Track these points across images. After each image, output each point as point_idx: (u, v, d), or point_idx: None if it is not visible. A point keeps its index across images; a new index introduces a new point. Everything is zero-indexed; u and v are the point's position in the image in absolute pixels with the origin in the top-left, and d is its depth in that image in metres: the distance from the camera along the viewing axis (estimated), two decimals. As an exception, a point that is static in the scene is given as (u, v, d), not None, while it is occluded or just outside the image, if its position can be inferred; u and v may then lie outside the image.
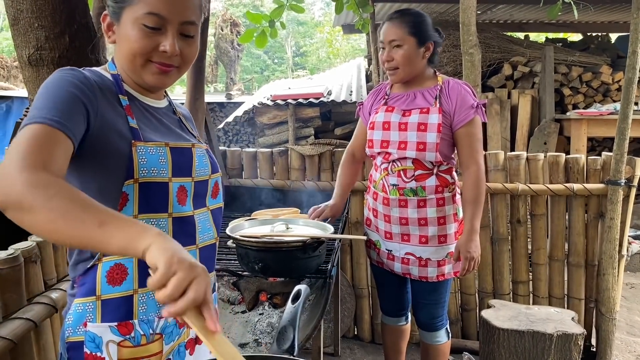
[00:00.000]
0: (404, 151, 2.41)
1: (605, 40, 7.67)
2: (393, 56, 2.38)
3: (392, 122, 2.45)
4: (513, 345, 2.81)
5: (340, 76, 8.79)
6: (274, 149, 3.72)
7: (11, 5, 2.11)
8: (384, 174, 2.50)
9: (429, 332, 2.69)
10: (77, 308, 1.22)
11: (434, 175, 2.43)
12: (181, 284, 0.85)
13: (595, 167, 3.38)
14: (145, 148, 1.21)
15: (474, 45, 4.09)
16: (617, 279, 3.34)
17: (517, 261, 3.55)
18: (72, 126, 1.07)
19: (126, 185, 1.18)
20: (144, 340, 1.24)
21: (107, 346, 1.21)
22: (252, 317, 2.31)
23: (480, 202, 2.43)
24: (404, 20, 2.38)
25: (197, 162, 1.33)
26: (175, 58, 1.22)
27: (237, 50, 18.99)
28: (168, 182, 1.24)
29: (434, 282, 2.53)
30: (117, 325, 1.22)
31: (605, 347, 3.40)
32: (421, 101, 2.44)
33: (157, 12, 1.16)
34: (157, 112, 1.34)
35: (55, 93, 1.11)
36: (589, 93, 6.30)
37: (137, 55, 1.20)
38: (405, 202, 2.46)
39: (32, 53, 2.15)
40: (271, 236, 2.12)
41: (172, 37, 1.19)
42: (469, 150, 2.41)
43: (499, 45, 6.61)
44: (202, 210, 1.37)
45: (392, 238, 2.56)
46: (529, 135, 6.01)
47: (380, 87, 2.66)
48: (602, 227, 3.34)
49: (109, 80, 1.25)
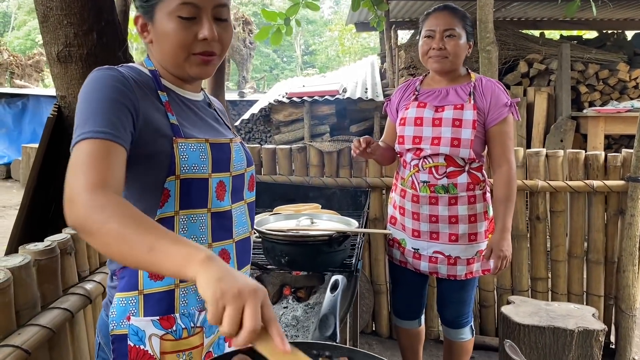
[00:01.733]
0: (437, 147, 2.38)
1: (621, 37, 7.64)
2: (445, 45, 2.36)
3: (425, 117, 2.42)
4: (534, 341, 2.82)
5: (355, 74, 8.80)
6: (293, 146, 3.73)
7: (41, 3, 2.13)
8: (414, 171, 2.47)
9: (454, 329, 2.70)
10: (120, 302, 1.23)
11: (465, 173, 2.41)
12: (234, 319, 0.81)
13: (615, 164, 3.39)
14: (186, 145, 1.21)
15: (491, 43, 4.11)
16: (637, 275, 3.34)
17: (536, 258, 3.56)
18: (122, 134, 1.09)
19: (168, 182, 1.19)
20: (185, 333, 1.26)
21: (150, 339, 1.23)
22: (277, 311, 2.35)
23: (512, 201, 2.41)
24: (458, 14, 2.39)
25: (234, 156, 1.33)
26: (215, 44, 1.23)
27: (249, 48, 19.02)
28: (208, 178, 1.25)
29: (462, 280, 2.52)
30: (159, 319, 1.23)
31: (625, 344, 3.41)
32: (454, 97, 2.42)
33: (190, 1, 1.17)
34: (195, 106, 1.35)
35: (98, 101, 1.11)
36: (606, 90, 6.29)
37: (179, 49, 1.20)
38: (436, 200, 2.43)
39: (61, 50, 2.18)
40: (297, 230, 2.13)
41: (209, 22, 1.20)
42: (502, 149, 2.41)
43: (515, 43, 6.61)
44: (240, 204, 1.38)
45: (420, 236, 2.53)
46: (545, 132, 6.01)
47: (409, 83, 2.64)
48: (622, 224, 3.35)
49: (147, 76, 1.25)
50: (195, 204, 1.24)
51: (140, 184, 1.20)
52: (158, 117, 1.21)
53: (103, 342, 1.29)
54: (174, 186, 1.20)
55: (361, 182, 3.51)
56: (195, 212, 1.25)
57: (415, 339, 2.84)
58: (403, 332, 2.86)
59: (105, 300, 1.31)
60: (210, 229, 1.27)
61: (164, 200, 1.20)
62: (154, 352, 1.23)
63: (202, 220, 1.26)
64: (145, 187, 1.20)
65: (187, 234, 1.24)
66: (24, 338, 1.50)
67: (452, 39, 2.35)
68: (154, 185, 1.20)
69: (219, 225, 1.30)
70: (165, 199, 1.20)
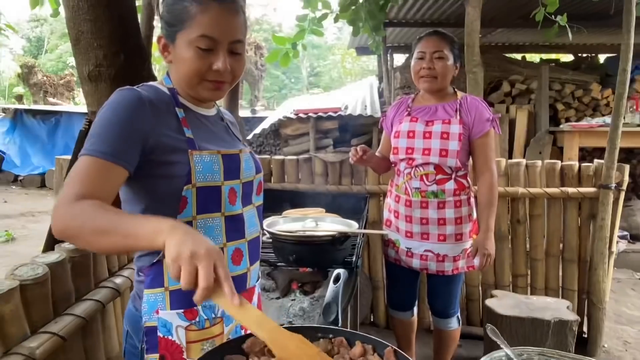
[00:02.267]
0: (428, 157, 2.42)
1: (594, 60, 7.67)
2: (434, 66, 2.39)
3: (416, 130, 2.46)
4: (514, 330, 2.83)
5: (355, 93, 8.82)
6: (300, 157, 3.74)
7: (73, 27, 2.14)
8: (407, 178, 2.50)
9: (442, 319, 2.71)
10: (150, 298, 1.24)
11: (452, 180, 2.45)
12: (188, 277, 0.86)
13: (588, 173, 3.40)
14: (200, 156, 1.21)
15: (477, 65, 4.13)
16: (607, 272, 3.35)
17: (517, 257, 3.57)
18: (123, 155, 1.11)
19: (185, 190, 1.19)
20: (207, 324, 1.26)
21: (177, 330, 1.23)
22: (285, 303, 2.36)
23: (494, 204, 2.44)
24: (446, 38, 2.43)
25: (244, 165, 1.33)
26: (227, 74, 1.22)
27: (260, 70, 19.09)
28: (221, 186, 1.24)
29: (449, 275, 2.55)
30: (183, 311, 1.23)
31: (596, 333, 3.40)
32: (442, 113, 2.45)
33: (209, 35, 1.17)
34: (208, 121, 1.34)
35: (111, 123, 1.13)
36: (580, 108, 6.29)
37: (194, 75, 1.20)
38: (427, 204, 2.46)
39: (91, 70, 2.18)
40: (303, 231, 2.15)
41: (224, 56, 1.19)
42: (484, 159, 2.44)
43: (499, 65, 6.63)
44: (249, 208, 1.37)
45: (412, 237, 2.55)
46: (526, 145, 6.01)
47: (402, 101, 2.67)
48: (594, 226, 3.36)
49: (165, 95, 1.25)
50: (210, 209, 1.24)
51: (160, 193, 1.21)
52: (174, 133, 1.21)
53: (131, 331, 1.30)
54: (190, 194, 1.20)
55: (361, 189, 3.53)
56: (211, 216, 1.25)
57: (408, 328, 2.86)
58: (398, 322, 2.87)
59: (133, 293, 1.33)
60: (225, 230, 1.27)
61: (183, 207, 1.20)
62: (181, 342, 1.24)
63: (217, 223, 1.26)
64: (165, 196, 1.20)
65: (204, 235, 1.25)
66: (60, 326, 1.52)
67: (440, 60, 2.39)
68: (173, 193, 1.20)
69: (232, 227, 1.30)
70: (183, 205, 1.20)
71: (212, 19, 1.17)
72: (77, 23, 2.12)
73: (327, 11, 4.63)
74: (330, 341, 1.04)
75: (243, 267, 1.34)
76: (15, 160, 11.27)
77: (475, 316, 3.68)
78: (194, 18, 1.17)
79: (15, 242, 6.58)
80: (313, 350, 0.93)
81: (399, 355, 0.97)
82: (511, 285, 3.60)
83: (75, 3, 2.09)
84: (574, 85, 6.31)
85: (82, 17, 2.10)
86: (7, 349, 1.34)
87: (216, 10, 1.17)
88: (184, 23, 1.18)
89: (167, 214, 1.18)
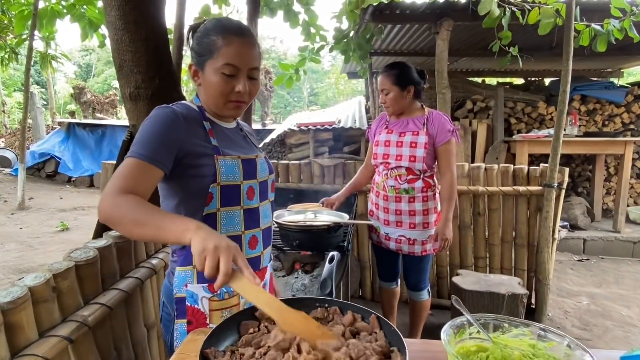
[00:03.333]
0: (400, 161, 2.46)
1: (541, 83, 7.68)
2: (385, 99, 2.47)
3: (391, 140, 2.50)
4: (475, 302, 2.84)
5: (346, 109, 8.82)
6: (301, 162, 3.77)
7: (117, 57, 2.14)
8: (385, 178, 2.54)
9: (415, 292, 2.73)
10: (180, 274, 1.26)
11: (420, 179, 2.48)
12: (211, 265, 0.87)
13: (535, 175, 3.42)
14: (224, 160, 1.22)
15: (445, 87, 4.16)
16: (550, 255, 3.36)
17: (478, 242, 3.58)
18: (160, 157, 1.12)
19: (211, 187, 1.20)
20: (227, 296, 1.28)
21: (202, 301, 1.25)
22: (290, 280, 2.37)
23: (453, 199, 2.47)
24: (390, 73, 2.44)
25: (259, 167, 1.34)
26: (246, 95, 1.23)
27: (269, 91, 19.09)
28: (240, 184, 1.26)
29: (418, 256, 2.57)
30: (207, 285, 1.25)
31: (542, 305, 3.42)
32: (412, 126, 2.48)
33: (233, 63, 1.18)
34: (229, 132, 1.35)
35: (152, 132, 1.14)
36: (529, 122, 6.30)
37: (220, 96, 1.22)
38: (400, 198, 2.50)
39: (132, 91, 2.17)
40: (304, 221, 2.17)
41: (244, 81, 1.21)
42: (446, 162, 2.46)
43: (463, 87, 6.63)
44: (266, 202, 1.38)
45: (389, 224, 2.59)
46: (485, 152, 6.03)
47: (382, 116, 2.70)
48: (540, 218, 3.37)
49: (195, 111, 1.26)
50: (232, 203, 1.26)
51: (191, 190, 1.21)
52: (202, 142, 1.22)
53: (166, 301, 1.31)
54: (216, 191, 1.22)
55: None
56: (232, 209, 1.26)
57: (392, 296, 2.90)
58: (384, 292, 2.91)
59: (168, 271, 1.34)
60: (243, 220, 1.29)
61: (209, 201, 1.22)
62: (205, 310, 1.25)
63: (237, 215, 1.27)
64: (195, 192, 1.21)
65: (226, 224, 1.25)
66: (107, 298, 1.53)
67: (387, 95, 2.45)
68: (202, 190, 1.21)
69: (250, 218, 1.31)
70: (209, 200, 1.22)
71: (235, 51, 1.19)
72: (121, 53, 2.12)
73: (324, 43, 4.64)
74: (327, 309, 1.05)
75: (258, 251, 1.35)
76: (69, 165, 11.24)
77: (444, 290, 3.70)
78: (220, 50, 1.18)
79: (69, 231, 6.57)
80: (313, 324, 0.93)
81: (381, 320, 0.99)
82: (473, 265, 3.62)
83: (119, 37, 2.09)
84: (524, 103, 6.32)
85: (124, 49, 2.10)
86: (65, 316, 1.35)
87: (238, 44, 1.19)
88: (212, 54, 1.19)
89: (197, 206, 1.20)
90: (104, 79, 29.04)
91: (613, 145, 5.27)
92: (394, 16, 4.53)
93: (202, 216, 1.22)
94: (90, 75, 30.82)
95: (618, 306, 3.83)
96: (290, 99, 35.03)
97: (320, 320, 1.01)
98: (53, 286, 1.30)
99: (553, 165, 3.26)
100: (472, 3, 4.06)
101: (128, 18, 2.07)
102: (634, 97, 6.18)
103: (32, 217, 7.43)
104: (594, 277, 4.57)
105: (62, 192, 10.01)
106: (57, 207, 8.36)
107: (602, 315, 3.65)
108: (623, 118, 6.16)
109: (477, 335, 0.93)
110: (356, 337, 0.96)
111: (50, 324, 1.28)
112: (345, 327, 0.98)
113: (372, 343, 0.91)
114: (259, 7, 3.68)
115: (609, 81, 6.49)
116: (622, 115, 6.16)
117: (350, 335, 0.96)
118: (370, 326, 0.99)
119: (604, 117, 6.23)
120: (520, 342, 0.92)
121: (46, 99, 19.44)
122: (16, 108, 18.59)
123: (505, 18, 3.44)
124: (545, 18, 3.26)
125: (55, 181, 11.30)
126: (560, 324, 3.47)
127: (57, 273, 1.33)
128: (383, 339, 0.94)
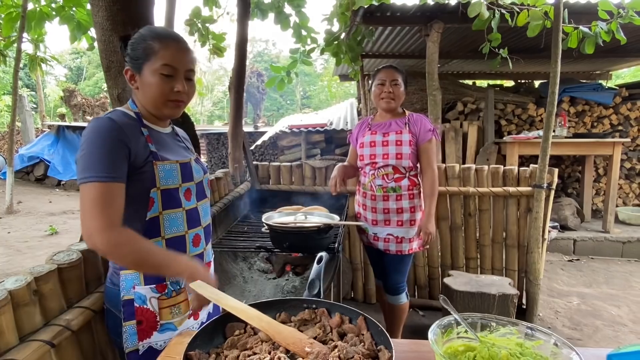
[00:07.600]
0: (387, 160, 2.50)
1: (531, 85, 7.72)
2: (393, 90, 2.49)
3: (376, 140, 2.54)
4: (467, 302, 2.85)
5: (338, 111, 8.84)
6: (293, 163, 3.75)
7: (105, 58, 2.13)
8: (372, 178, 2.57)
9: (394, 295, 2.72)
10: (127, 277, 1.29)
11: (406, 178, 2.53)
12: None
13: (525, 176, 3.43)
14: (162, 165, 1.26)
15: (436, 89, 4.17)
16: (540, 255, 3.37)
17: (469, 243, 3.59)
18: (118, 172, 1.15)
19: (152, 192, 1.24)
20: (174, 293, 1.34)
21: (150, 301, 1.30)
22: (280, 282, 2.36)
23: (435, 195, 2.51)
24: (399, 69, 2.54)
25: (194, 169, 1.38)
26: (184, 95, 1.28)
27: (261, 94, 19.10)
28: (179, 187, 1.30)
29: (404, 254, 2.59)
30: (155, 286, 1.30)
31: (532, 305, 3.43)
32: (395, 126, 2.54)
33: (171, 64, 1.23)
34: (166, 137, 1.37)
35: (99, 147, 1.14)
36: (520, 123, 6.33)
37: (159, 97, 1.25)
38: (387, 197, 2.53)
39: (119, 92, 2.16)
40: (295, 223, 2.16)
41: (182, 80, 1.26)
42: (427, 160, 2.52)
43: (454, 89, 6.66)
44: (204, 201, 1.43)
45: (377, 224, 2.60)
46: (476, 153, 6.05)
47: (363, 121, 2.74)
48: (530, 218, 3.38)
49: (132, 117, 1.28)
50: (173, 206, 1.30)
51: (133, 194, 1.22)
52: (142, 148, 1.24)
53: (111, 307, 1.34)
54: (156, 195, 1.26)
55: (342, 189, 3.52)
56: (174, 211, 1.31)
57: None
58: (380, 289, 2.93)
59: (109, 275, 1.36)
60: (186, 221, 1.33)
61: (151, 205, 1.25)
62: (154, 309, 1.30)
63: (179, 216, 1.32)
64: (136, 196, 1.23)
65: (170, 226, 1.30)
66: (91, 301, 1.49)
67: (397, 86, 2.50)
68: (143, 195, 1.24)
69: (191, 217, 1.36)
70: (151, 204, 1.25)
71: (172, 53, 1.25)
72: (108, 54, 2.11)
73: (315, 45, 4.64)
74: (314, 311, 1.04)
75: (201, 248, 1.41)
76: (59, 168, 11.13)
77: (436, 292, 3.70)
78: (158, 53, 1.24)
79: (58, 235, 6.50)
80: (303, 336, 0.94)
81: (368, 320, 0.97)
82: (464, 266, 3.62)
83: (107, 38, 2.08)
84: (514, 105, 6.35)
85: (111, 50, 2.10)
86: (47, 320, 1.32)
87: (174, 47, 1.26)
88: (149, 57, 1.24)
89: (140, 211, 1.24)
90: (95, 81, 28.86)
91: (602, 146, 5.31)
92: (384, 18, 4.54)
93: (145, 220, 1.25)
94: (81, 78, 30.62)
95: (608, 306, 3.85)
96: (282, 102, 35.04)
97: (307, 321, 1.00)
98: (34, 289, 1.28)
99: (542, 166, 3.27)
100: (462, 5, 4.08)
101: (116, 19, 2.05)
102: (622, 98, 6.24)
103: (20, 221, 7.34)
104: (584, 277, 4.59)
105: (51, 196, 9.90)
106: (47, 210, 8.27)
107: (592, 314, 3.67)
108: (611, 119, 6.22)
109: (464, 334, 0.93)
110: (343, 338, 0.95)
111: (32, 328, 1.25)
112: (333, 328, 0.97)
113: (357, 346, 0.90)
114: (250, 9, 3.67)
115: (598, 83, 6.54)
116: (610, 116, 6.21)
117: (338, 336, 0.95)
118: (358, 327, 0.97)
119: (593, 118, 6.27)
120: (507, 341, 0.91)
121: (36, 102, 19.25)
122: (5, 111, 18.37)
123: (495, 20, 3.46)
124: (534, 20, 3.28)
125: (45, 185, 11.18)
126: (550, 324, 3.48)
127: (39, 276, 1.30)
128: (370, 339, 0.93)
